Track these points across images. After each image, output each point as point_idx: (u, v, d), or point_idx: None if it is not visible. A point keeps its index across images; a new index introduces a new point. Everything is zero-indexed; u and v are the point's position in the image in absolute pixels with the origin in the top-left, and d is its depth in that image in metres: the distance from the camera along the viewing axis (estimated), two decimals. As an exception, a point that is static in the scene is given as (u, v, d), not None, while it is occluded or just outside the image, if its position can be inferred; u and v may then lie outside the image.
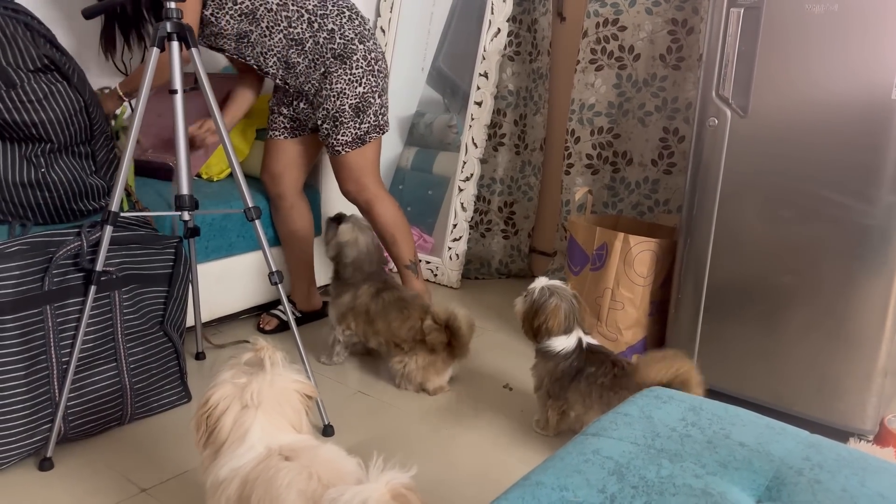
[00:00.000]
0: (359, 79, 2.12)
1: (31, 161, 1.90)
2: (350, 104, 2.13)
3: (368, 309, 2.14)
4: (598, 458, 0.99)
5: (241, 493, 1.13)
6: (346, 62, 2.11)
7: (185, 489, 1.62)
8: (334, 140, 2.18)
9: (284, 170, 2.36)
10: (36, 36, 1.90)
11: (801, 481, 0.95)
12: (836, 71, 1.76)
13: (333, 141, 2.18)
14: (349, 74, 2.11)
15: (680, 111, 2.53)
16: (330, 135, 2.18)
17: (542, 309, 1.86)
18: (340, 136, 2.16)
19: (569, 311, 1.86)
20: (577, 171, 2.76)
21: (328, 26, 2.09)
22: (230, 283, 2.39)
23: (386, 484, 0.98)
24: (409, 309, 2.10)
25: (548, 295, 1.86)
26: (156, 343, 1.88)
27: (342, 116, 2.14)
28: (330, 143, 2.20)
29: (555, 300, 1.85)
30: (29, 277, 1.62)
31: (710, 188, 1.99)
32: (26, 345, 1.62)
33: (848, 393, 1.86)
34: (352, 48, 2.10)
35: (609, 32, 2.61)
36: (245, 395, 1.18)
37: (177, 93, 1.80)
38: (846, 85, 1.76)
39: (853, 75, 1.74)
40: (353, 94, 2.13)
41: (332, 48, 2.10)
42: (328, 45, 2.10)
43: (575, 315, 1.87)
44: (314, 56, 2.11)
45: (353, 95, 2.13)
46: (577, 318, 1.87)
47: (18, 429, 1.62)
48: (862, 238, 1.78)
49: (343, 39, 2.09)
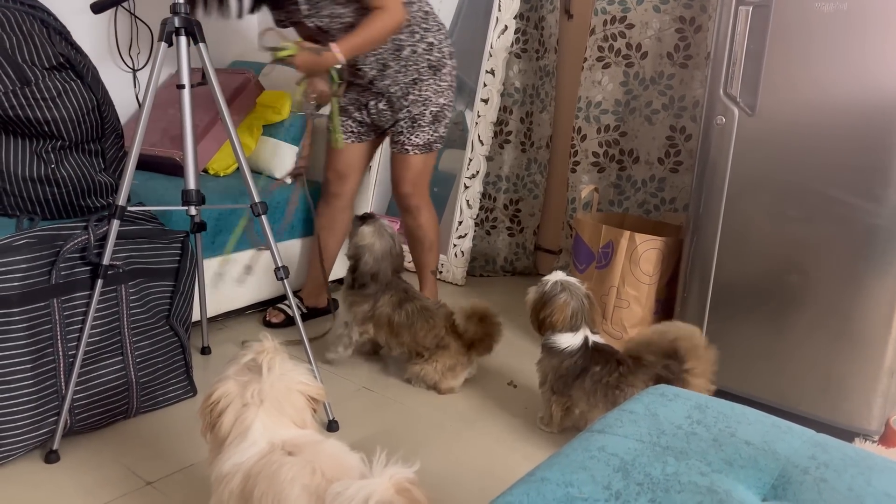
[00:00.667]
0: (443, 91, 2.28)
1: (41, 157, 1.91)
2: (431, 111, 2.27)
3: (391, 319, 2.12)
4: (604, 455, 0.99)
5: (244, 487, 1.14)
6: (437, 74, 2.25)
7: (190, 482, 1.62)
8: (407, 139, 2.28)
9: (349, 171, 2.42)
10: (52, 33, 1.91)
11: (807, 480, 0.94)
12: (844, 70, 1.76)
13: (406, 140, 2.28)
14: (437, 85, 2.26)
15: (687, 109, 2.53)
16: (404, 133, 2.28)
17: (550, 302, 1.85)
18: (415, 137, 2.28)
19: (577, 308, 1.85)
20: (584, 169, 2.76)
21: (428, 39, 2.22)
22: (236, 278, 2.40)
23: (390, 479, 0.98)
24: (435, 318, 2.10)
25: (559, 290, 1.86)
26: (162, 337, 1.88)
27: (422, 120, 2.27)
28: (402, 141, 2.29)
29: (564, 296, 1.85)
30: (36, 270, 1.62)
31: (716, 187, 1.99)
32: (33, 338, 1.63)
33: (853, 393, 1.86)
34: (444, 62, 2.25)
35: (616, 30, 2.60)
36: (246, 393, 1.19)
37: (184, 88, 1.81)
38: (855, 84, 1.75)
39: (862, 74, 1.73)
40: (435, 103, 2.27)
41: (429, 59, 2.23)
42: (426, 55, 2.22)
43: (584, 314, 1.86)
44: (407, 63, 2.21)
45: (435, 104, 2.27)
46: (585, 317, 1.86)
47: (25, 421, 1.63)
48: (869, 238, 1.78)
49: (440, 53, 2.23)
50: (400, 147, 2.30)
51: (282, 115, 2.64)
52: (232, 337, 2.40)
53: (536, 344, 2.47)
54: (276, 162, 2.62)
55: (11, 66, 1.83)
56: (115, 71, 2.73)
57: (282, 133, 2.63)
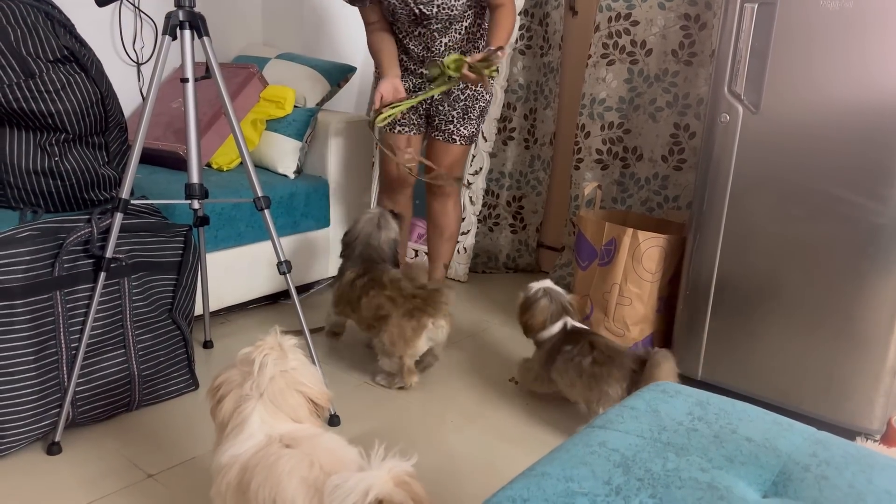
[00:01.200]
0: (489, 88, 2.37)
1: (45, 150, 1.91)
2: (479, 106, 2.35)
3: (349, 296, 2.13)
4: (605, 451, 0.99)
5: (241, 479, 1.14)
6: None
7: (191, 475, 1.63)
8: (456, 129, 2.35)
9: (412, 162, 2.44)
10: (56, 26, 1.91)
11: (808, 477, 0.94)
12: (849, 68, 1.75)
13: (455, 130, 2.36)
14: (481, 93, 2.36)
15: (691, 107, 2.52)
16: (454, 123, 2.35)
17: (532, 307, 1.98)
18: (463, 129, 2.35)
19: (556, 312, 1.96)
20: (587, 166, 2.75)
21: (485, 37, 2.29)
22: (239, 273, 2.40)
23: (388, 472, 0.98)
24: (378, 287, 2.06)
25: (540, 295, 1.98)
26: (164, 330, 1.89)
27: (471, 113, 2.34)
28: (451, 130, 2.36)
29: (544, 301, 1.97)
30: (39, 263, 1.63)
31: (720, 184, 1.98)
32: (36, 330, 1.63)
33: (855, 392, 1.85)
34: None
35: (621, 27, 2.59)
36: (246, 384, 1.19)
37: (188, 81, 1.81)
38: (860, 82, 1.74)
39: (867, 73, 1.73)
40: (484, 98, 2.35)
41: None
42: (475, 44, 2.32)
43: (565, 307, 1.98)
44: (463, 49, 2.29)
45: (484, 100, 2.36)
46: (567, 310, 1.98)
47: (27, 413, 1.64)
48: (873, 237, 1.77)
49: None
50: (448, 136, 2.36)
51: (285, 110, 2.64)
52: (234, 331, 2.40)
53: (538, 341, 2.47)
54: (279, 157, 2.62)
55: (16, 59, 1.83)
56: (119, 64, 2.73)
57: (285, 128, 2.63)
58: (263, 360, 1.19)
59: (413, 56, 2.30)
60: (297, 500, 1.07)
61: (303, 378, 1.24)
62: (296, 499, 1.07)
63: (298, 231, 2.57)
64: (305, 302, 2.67)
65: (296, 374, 1.23)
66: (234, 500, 1.16)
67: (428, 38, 2.24)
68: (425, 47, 2.26)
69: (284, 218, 2.50)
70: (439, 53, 2.26)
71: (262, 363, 1.19)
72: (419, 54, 2.28)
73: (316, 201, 2.60)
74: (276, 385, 1.21)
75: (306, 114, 2.64)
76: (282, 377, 1.22)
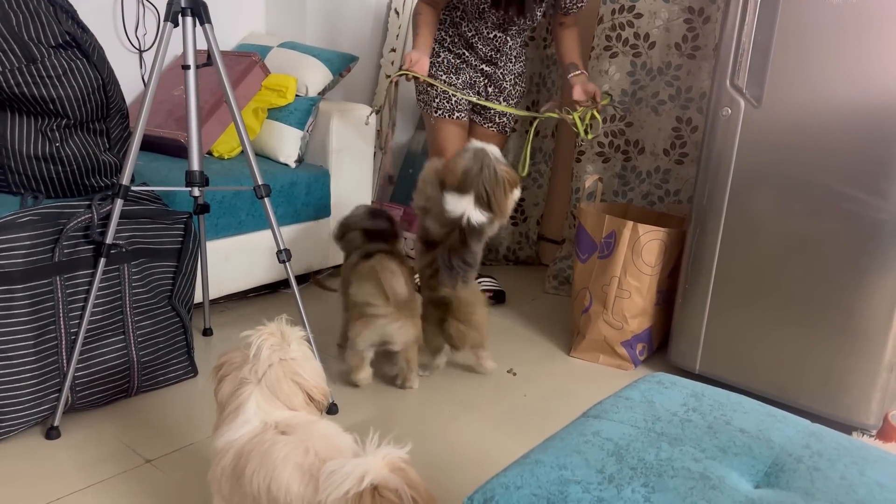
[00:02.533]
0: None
1: (46, 135, 1.91)
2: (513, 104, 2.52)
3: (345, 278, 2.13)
4: (598, 440, 1.00)
5: (236, 464, 1.15)
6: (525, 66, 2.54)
7: (189, 461, 1.64)
8: (507, 121, 2.52)
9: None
10: (59, 11, 1.91)
11: (801, 468, 0.95)
12: (852, 63, 1.74)
13: (507, 121, 2.53)
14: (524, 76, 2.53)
15: (694, 101, 2.52)
16: (506, 115, 2.51)
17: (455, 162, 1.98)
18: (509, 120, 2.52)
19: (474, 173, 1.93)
20: (588, 159, 2.75)
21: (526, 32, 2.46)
22: (239, 261, 2.41)
23: (383, 458, 0.99)
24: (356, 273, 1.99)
25: (468, 152, 1.95)
26: (164, 317, 1.89)
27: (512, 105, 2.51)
28: (502, 122, 2.52)
29: (467, 156, 1.94)
30: (39, 248, 1.63)
31: (721, 178, 1.98)
32: (36, 314, 1.64)
33: (853, 387, 1.86)
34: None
35: (625, 19, 2.59)
36: (245, 368, 1.19)
37: (189, 68, 1.81)
38: (863, 77, 1.74)
39: (870, 68, 1.72)
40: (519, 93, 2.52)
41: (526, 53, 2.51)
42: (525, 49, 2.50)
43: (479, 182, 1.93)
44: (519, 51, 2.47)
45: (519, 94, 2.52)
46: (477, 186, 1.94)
47: (27, 397, 1.64)
48: (873, 233, 1.77)
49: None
50: (501, 128, 2.52)
51: (287, 99, 2.63)
52: (234, 320, 2.41)
53: (536, 333, 2.47)
54: (280, 146, 2.62)
55: (17, 44, 1.83)
56: (121, 51, 2.73)
57: (287, 117, 2.63)
58: (260, 344, 1.19)
59: (479, 54, 2.40)
60: (291, 487, 1.07)
61: (301, 370, 1.24)
62: (290, 485, 1.07)
63: (299, 220, 2.57)
64: (305, 291, 2.68)
65: (295, 364, 1.23)
66: (228, 485, 1.17)
67: (501, 42, 2.38)
68: (495, 49, 2.39)
69: (285, 207, 2.50)
70: (507, 55, 2.42)
71: (259, 346, 1.19)
72: (486, 54, 2.40)
73: (317, 191, 2.60)
74: (274, 372, 1.21)
75: (308, 103, 2.64)
76: (280, 365, 1.22)
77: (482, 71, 2.44)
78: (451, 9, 2.35)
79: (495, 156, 1.95)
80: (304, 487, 1.07)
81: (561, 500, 0.88)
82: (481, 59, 2.42)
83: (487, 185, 1.92)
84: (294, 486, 1.07)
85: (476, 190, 1.92)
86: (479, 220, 1.94)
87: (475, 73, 2.43)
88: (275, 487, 1.08)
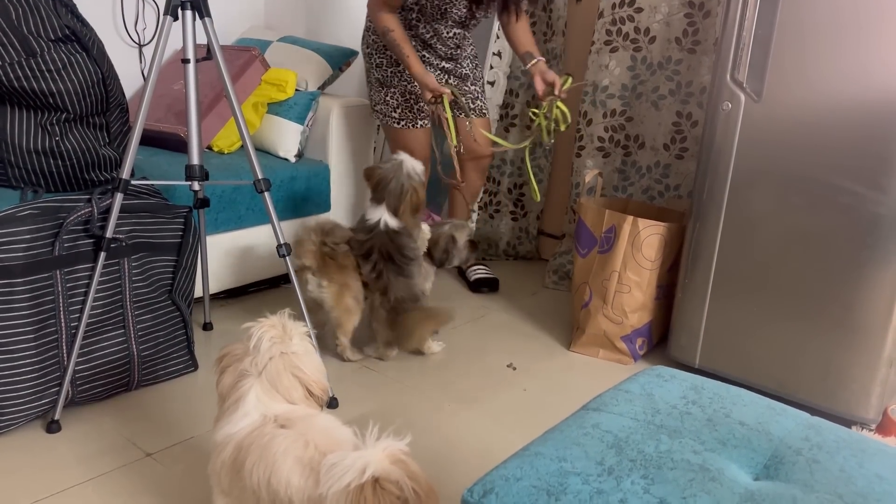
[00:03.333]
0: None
1: (45, 129, 1.91)
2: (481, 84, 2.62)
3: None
4: (598, 432, 1.00)
5: (236, 458, 1.15)
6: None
7: (189, 455, 1.64)
8: (483, 104, 2.61)
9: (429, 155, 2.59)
10: (58, 5, 1.90)
11: (800, 461, 0.95)
12: (853, 57, 1.74)
13: (482, 104, 2.61)
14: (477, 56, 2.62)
15: (694, 95, 2.51)
16: (479, 99, 2.59)
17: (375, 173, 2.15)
18: (482, 102, 2.61)
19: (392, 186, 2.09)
20: (588, 154, 2.75)
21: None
22: (239, 256, 2.41)
23: (383, 450, 0.99)
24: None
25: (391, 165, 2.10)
26: (164, 311, 1.90)
27: (482, 90, 2.61)
28: (479, 105, 2.59)
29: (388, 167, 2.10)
30: (39, 242, 1.63)
31: (721, 173, 1.98)
32: (36, 308, 1.64)
33: (852, 381, 1.86)
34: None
35: (625, 13, 2.58)
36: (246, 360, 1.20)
37: (189, 62, 1.80)
38: (863, 72, 1.73)
39: (871, 62, 1.72)
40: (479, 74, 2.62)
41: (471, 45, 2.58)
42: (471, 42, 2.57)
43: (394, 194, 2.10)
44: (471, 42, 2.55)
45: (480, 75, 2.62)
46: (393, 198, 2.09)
47: (27, 391, 1.65)
48: (872, 227, 1.77)
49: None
50: (478, 112, 2.56)
51: (287, 94, 2.63)
52: (234, 314, 2.41)
53: (536, 328, 2.48)
54: (280, 140, 2.62)
55: (17, 37, 1.83)
56: (120, 45, 2.72)
57: (286, 111, 2.62)
58: (260, 336, 1.19)
59: (439, 53, 2.44)
60: (291, 480, 1.08)
61: (301, 364, 1.24)
62: (290, 478, 1.08)
63: (299, 215, 2.57)
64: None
65: (295, 357, 1.23)
66: (228, 478, 1.17)
67: (460, 38, 2.41)
68: (455, 46, 2.43)
69: (285, 201, 2.50)
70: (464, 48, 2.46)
71: (259, 338, 1.19)
72: (446, 52, 2.44)
73: (317, 185, 2.60)
74: (274, 366, 1.21)
75: (308, 97, 2.64)
76: (281, 359, 1.22)
77: (443, 68, 2.47)
78: (406, 10, 2.34)
79: (410, 171, 2.11)
80: (304, 480, 1.07)
81: (560, 491, 0.88)
82: (441, 58, 2.45)
83: (393, 198, 2.09)
84: (294, 480, 1.07)
85: (386, 200, 2.09)
86: (395, 225, 2.09)
87: (436, 72, 2.46)
88: (275, 481, 1.09)
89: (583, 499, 0.86)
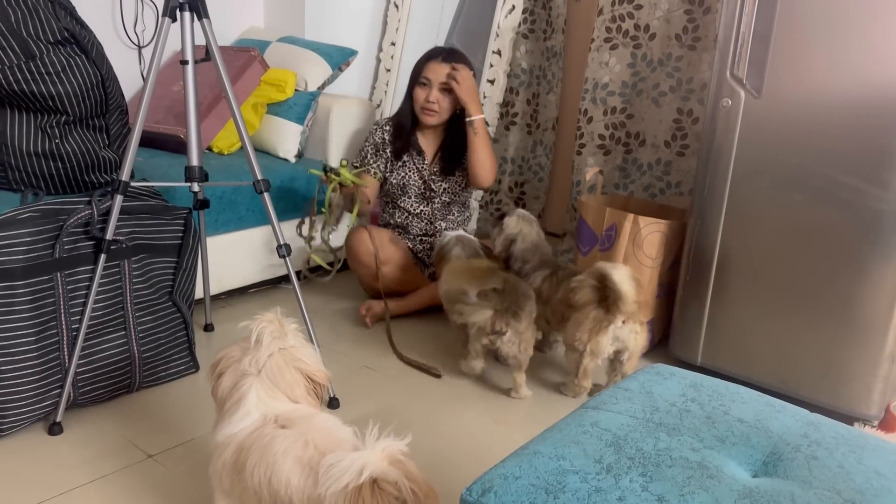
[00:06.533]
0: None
1: (45, 132, 1.92)
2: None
3: (541, 291, 2.10)
4: (597, 430, 1.00)
5: (237, 458, 1.15)
6: None
7: (190, 456, 1.64)
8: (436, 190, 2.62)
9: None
10: (57, 8, 1.91)
11: (798, 457, 0.95)
12: (852, 53, 1.74)
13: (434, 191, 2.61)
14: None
15: (694, 92, 2.51)
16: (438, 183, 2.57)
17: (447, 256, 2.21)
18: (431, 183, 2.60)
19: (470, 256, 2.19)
20: (589, 152, 2.75)
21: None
22: (239, 257, 2.41)
23: (382, 451, 0.99)
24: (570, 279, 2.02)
25: (454, 244, 2.20)
26: (165, 313, 1.90)
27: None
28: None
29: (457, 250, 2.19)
30: (40, 244, 1.63)
31: (721, 169, 1.98)
32: (37, 310, 1.64)
33: (854, 378, 1.85)
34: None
35: (625, 10, 2.58)
36: (245, 360, 1.20)
37: (188, 64, 1.81)
38: (863, 67, 1.73)
39: (870, 58, 1.71)
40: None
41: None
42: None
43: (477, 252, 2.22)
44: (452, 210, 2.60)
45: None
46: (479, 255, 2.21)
47: (29, 393, 1.65)
48: (874, 223, 1.76)
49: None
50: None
51: (286, 94, 2.63)
52: (235, 315, 2.41)
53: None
54: (280, 141, 2.62)
55: (16, 40, 1.83)
56: (120, 47, 2.73)
57: (286, 112, 2.62)
58: (260, 331, 1.20)
59: (414, 232, 2.54)
60: (291, 480, 1.08)
61: (301, 355, 1.24)
62: (290, 478, 1.08)
63: (299, 215, 2.57)
64: (305, 286, 2.68)
65: (294, 351, 1.24)
66: (229, 479, 1.17)
67: (429, 215, 2.50)
68: (429, 221, 2.52)
69: (285, 202, 2.50)
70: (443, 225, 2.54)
71: (260, 333, 1.20)
72: (422, 229, 2.53)
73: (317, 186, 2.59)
74: (274, 362, 1.21)
75: (307, 97, 2.64)
76: (280, 354, 1.22)
77: (421, 240, 2.54)
78: (383, 196, 2.52)
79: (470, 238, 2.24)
80: (303, 481, 1.07)
81: (559, 489, 0.88)
82: (420, 234, 2.54)
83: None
84: (294, 480, 1.07)
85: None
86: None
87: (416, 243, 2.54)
88: (275, 481, 1.09)
89: (581, 497, 0.86)
